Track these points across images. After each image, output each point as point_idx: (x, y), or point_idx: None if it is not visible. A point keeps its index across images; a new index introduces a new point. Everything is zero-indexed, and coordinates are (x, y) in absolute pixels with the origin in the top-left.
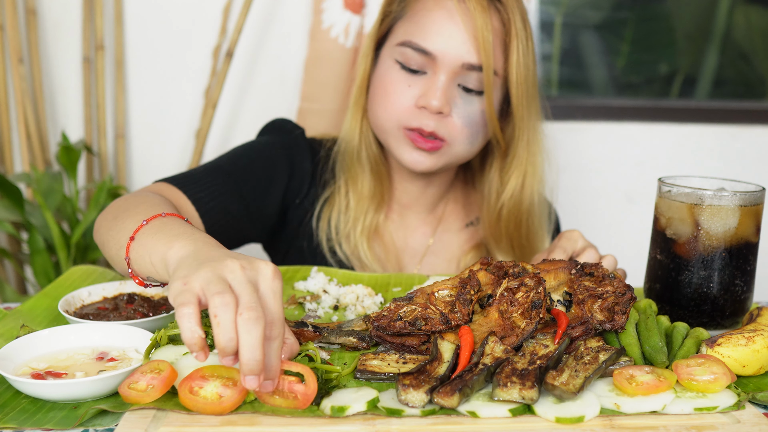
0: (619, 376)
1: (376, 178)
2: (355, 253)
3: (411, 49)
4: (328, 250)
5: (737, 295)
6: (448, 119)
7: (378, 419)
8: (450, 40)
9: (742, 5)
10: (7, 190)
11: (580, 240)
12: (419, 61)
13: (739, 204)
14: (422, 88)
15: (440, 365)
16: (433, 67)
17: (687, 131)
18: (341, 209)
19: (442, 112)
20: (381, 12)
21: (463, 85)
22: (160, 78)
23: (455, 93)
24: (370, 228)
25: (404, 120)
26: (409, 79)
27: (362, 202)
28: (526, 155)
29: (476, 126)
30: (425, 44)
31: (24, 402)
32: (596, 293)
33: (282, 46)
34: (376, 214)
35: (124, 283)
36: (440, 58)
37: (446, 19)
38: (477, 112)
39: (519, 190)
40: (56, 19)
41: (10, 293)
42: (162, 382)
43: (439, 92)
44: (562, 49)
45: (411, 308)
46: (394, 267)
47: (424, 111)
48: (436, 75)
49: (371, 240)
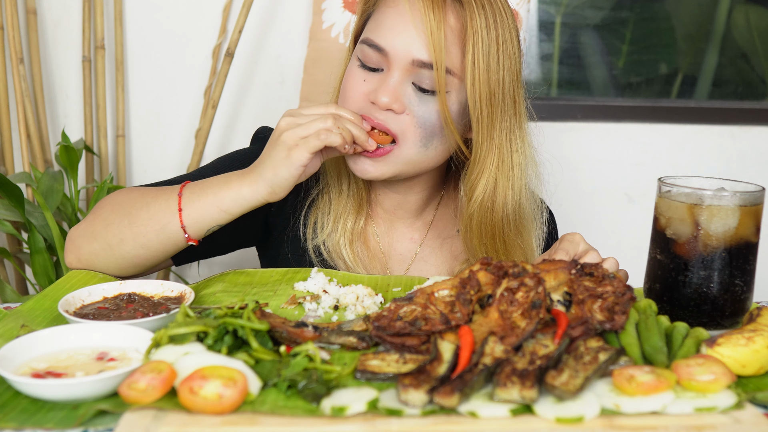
0: (619, 376)
1: (354, 179)
2: (339, 254)
3: (367, 46)
4: (314, 252)
5: (737, 295)
6: (401, 117)
7: (378, 419)
8: (401, 36)
9: (742, 5)
10: (7, 190)
11: (582, 243)
12: (374, 58)
13: (739, 204)
14: (375, 84)
15: (440, 365)
16: (387, 64)
17: (687, 131)
18: (324, 212)
19: (391, 108)
20: (359, 9)
21: (417, 84)
22: (160, 78)
23: (409, 91)
24: (352, 231)
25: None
26: (365, 75)
27: (341, 203)
28: (495, 162)
29: (431, 128)
30: (378, 40)
31: (24, 402)
32: (596, 293)
33: (282, 46)
34: (358, 217)
35: (124, 283)
36: (392, 54)
37: (399, 16)
38: (432, 113)
39: (490, 200)
40: (56, 19)
41: (10, 293)
42: (162, 382)
43: (388, 89)
44: (561, 48)
45: (411, 308)
46: (379, 272)
47: (375, 108)
48: (390, 72)
49: (354, 243)
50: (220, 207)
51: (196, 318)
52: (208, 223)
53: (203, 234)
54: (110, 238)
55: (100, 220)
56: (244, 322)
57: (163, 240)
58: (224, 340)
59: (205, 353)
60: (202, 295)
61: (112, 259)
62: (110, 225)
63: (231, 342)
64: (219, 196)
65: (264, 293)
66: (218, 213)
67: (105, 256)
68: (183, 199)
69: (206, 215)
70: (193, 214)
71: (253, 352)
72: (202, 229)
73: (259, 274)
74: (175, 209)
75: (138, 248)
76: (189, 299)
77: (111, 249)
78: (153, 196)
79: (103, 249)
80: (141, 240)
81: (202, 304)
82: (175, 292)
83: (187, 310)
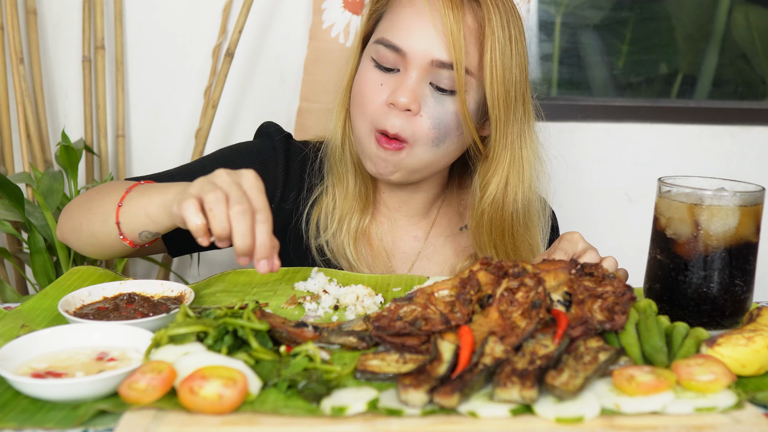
0: (619, 376)
1: (361, 179)
2: (342, 254)
3: (384, 47)
4: (317, 251)
5: (737, 295)
6: (416, 119)
7: (378, 419)
8: (420, 36)
9: (742, 5)
10: (7, 190)
11: (581, 242)
12: (391, 58)
13: (739, 204)
14: (393, 86)
15: (440, 365)
16: (404, 64)
17: (687, 131)
18: (328, 210)
19: (409, 109)
20: (368, 10)
21: (435, 84)
22: (160, 78)
23: (426, 92)
24: (357, 229)
25: (375, 121)
26: (382, 78)
27: (347, 202)
28: (508, 159)
29: (446, 128)
30: (396, 41)
31: (24, 402)
32: (596, 293)
33: (282, 46)
34: (363, 216)
35: (124, 283)
36: (410, 55)
37: (417, 16)
38: (449, 113)
39: (501, 196)
40: (56, 19)
41: (10, 293)
42: (162, 382)
43: (407, 89)
44: (561, 48)
45: (411, 308)
46: (382, 271)
47: (393, 110)
48: (407, 72)
49: (358, 242)
50: (147, 211)
51: (196, 318)
52: (137, 226)
53: (137, 237)
54: (75, 221)
55: (77, 202)
56: (244, 322)
57: (106, 233)
58: (224, 340)
59: (205, 353)
60: (202, 295)
61: (78, 242)
62: (78, 208)
63: (231, 342)
64: (151, 200)
65: (264, 293)
66: (145, 217)
67: (73, 238)
68: (127, 196)
69: (135, 217)
70: (126, 213)
71: (253, 352)
72: (133, 231)
73: (258, 274)
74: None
75: (90, 236)
76: (189, 299)
77: (75, 232)
78: (116, 188)
79: (71, 230)
80: (90, 229)
81: (202, 304)
82: (175, 292)
83: (187, 310)
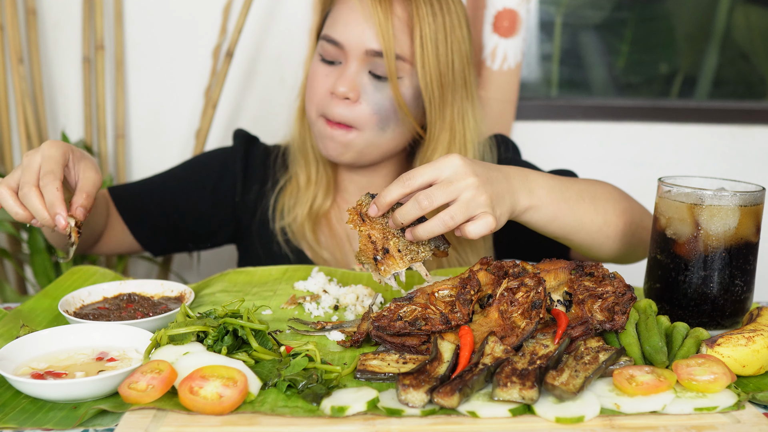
0: (619, 376)
1: (322, 165)
2: (302, 235)
3: (326, 42)
4: (280, 233)
5: (737, 295)
6: (356, 106)
7: (378, 419)
8: (354, 29)
9: (742, 5)
10: None
11: (440, 168)
12: (333, 52)
13: (739, 204)
14: (335, 77)
15: (440, 365)
16: (344, 56)
17: (687, 131)
18: (292, 194)
19: (348, 98)
20: (318, 9)
21: (373, 72)
22: (160, 78)
23: (366, 80)
24: (317, 212)
25: (321, 108)
26: (327, 70)
27: (309, 188)
28: (447, 139)
29: (386, 112)
30: (335, 35)
31: (24, 402)
32: (596, 293)
33: (282, 46)
34: (324, 200)
35: (124, 283)
36: (347, 47)
37: (351, 11)
38: (386, 99)
39: None
40: (56, 19)
41: (10, 293)
42: (162, 382)
43: (346, 79)
44: (561, 49)
45: (411, 308)
46: (341, 256)
47: (335, 98)
48: (347, 64)
49: (317, 225)
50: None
51: (196, 318)
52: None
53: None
54: None
55: None
56: (244, 322)
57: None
58: (224, 340)
59: (205, 353)
60: (202, 295)
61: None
62: None
63: (231, 342)
64: None
65: (264, 293)
66: None
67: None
68: None
69: None
70: None
71: (253, 352)
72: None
73: (258, 273)
74: None
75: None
76: (189, 299)
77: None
78: None
79: None
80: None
81: (202, 304)
82: (174, 292)
83: (187, 310)
